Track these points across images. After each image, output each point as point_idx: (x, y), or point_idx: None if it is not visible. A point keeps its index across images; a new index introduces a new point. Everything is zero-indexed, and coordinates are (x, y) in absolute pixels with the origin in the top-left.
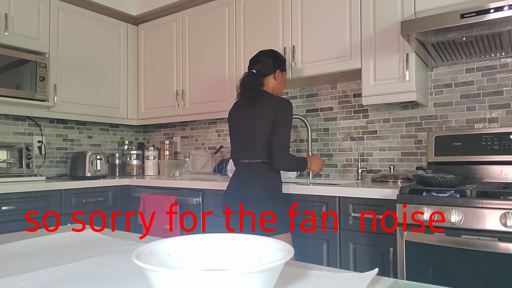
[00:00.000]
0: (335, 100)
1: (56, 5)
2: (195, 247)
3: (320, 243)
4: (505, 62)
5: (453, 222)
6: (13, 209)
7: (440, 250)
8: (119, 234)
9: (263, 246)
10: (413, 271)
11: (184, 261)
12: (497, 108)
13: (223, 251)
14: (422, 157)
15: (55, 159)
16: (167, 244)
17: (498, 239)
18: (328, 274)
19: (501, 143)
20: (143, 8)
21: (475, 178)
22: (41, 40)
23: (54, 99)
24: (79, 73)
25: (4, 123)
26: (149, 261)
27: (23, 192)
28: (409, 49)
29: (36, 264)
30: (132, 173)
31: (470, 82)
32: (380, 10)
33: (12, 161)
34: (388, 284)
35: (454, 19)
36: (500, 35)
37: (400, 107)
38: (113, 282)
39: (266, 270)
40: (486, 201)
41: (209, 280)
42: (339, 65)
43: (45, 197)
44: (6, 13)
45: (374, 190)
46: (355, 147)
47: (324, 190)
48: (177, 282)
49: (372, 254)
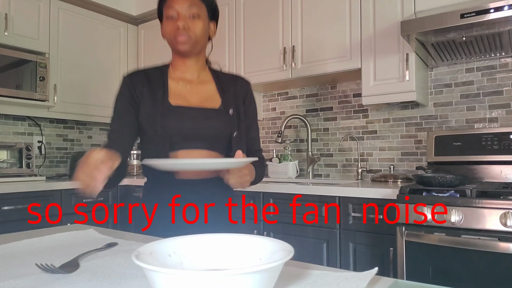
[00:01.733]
0: (335, 100)
1: (56, 5)
2: (195, 247)
3: (320, 243)
4: (505, 62)
5: (453, 222)
6: (13, 209)
7: (440, 250)
8: (119, 234)
9: (263, 246)
10: (413, 271)
11: (184, 261)
12: (497, 108)
13: (223, 251)
14: (422, 157)
15: (55, 159)
16: (167, 244)
17: (498, 239)
18: (328, 273)
19: (501, 143)
20: (143, 8)
21: (475, 178)
22: (41, 40)
23: (54, 99)
24: (79, 73)
25: (4, 123)
26: (149, 261)
27: (23, 192)
28: (409, 49)
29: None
30: (132, 173)
31: (470, 82)
32: (380, 10)
33: (12, 161)
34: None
35: (454, 19)
36: (500, 35)
37: (400, 107)
38: (113, 282)
39: (266, 270)
40: (486, 201)
41: (209, 280)
42: (339, 65)
43: (45, 197)
44: (6, 13)
45: (374, 190)
46: (355, 147)
47: (324, 190)
48: (177, 282)
49: (372, 254)
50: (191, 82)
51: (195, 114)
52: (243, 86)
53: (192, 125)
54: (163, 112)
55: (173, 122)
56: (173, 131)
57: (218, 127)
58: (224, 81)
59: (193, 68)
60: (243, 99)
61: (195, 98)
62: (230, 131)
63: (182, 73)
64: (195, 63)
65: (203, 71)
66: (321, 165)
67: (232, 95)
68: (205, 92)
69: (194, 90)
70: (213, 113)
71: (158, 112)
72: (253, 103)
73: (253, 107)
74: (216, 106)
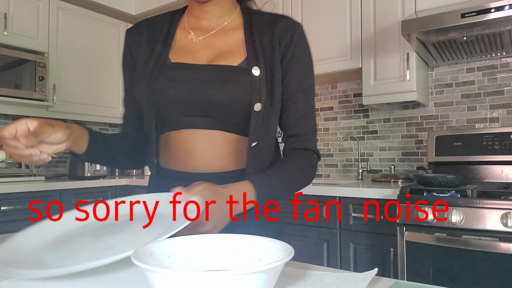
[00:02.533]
0: (336, 100)
1: (55, 5)
2: (195, 247)
3: (320, 243)
4: (505, 62)
5: (454, 222)
6: (12, 209)
7: (440, 250)
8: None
9: (263, 246)
10: (414, 272)
11: (184, 261)
12: (498, 108)
13: (223, 251)
14: (422, 157)
15: (54, 159)
16: (167, 245)
17: (498, 239)
18: (328, 274)
19: (502, 143)
20: (143, 8)
21: (475, 178)
22: (40, 39)
23: (53, 99)
24: (79, 72)
25: (3, 123)
26: (148, 261)
27: (22, 192)
28: (410, 48)
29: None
30: (131, 173)
31: (471, 81)
32: (380, 10)
33: (11, 161)
34: (388, 285)
35: (454, 19)
36: (500, 34)
37: (401, 107)
38: (113, 282)
39: (266, 271)
40: (487, 201)
41: (208, 280)
42: (340, 64)
43: (44, 197)
44: (5, 12)
45: (374, 190)
46: (356, 147)
47: (324, 190)
48: (176, 283)
49: (372, 254)
50: (207, 31)
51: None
52: (286, 31)
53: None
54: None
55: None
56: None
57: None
58: (258, 26)
59: (213, 13)
60: (284, 52)
61: (208, 53)
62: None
63: (197, 20)
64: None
65: (229, 15)
66: (322, 165)
67: (267, 46)
68: (226, 44)
69: (208, 43)
70: (228, 73)
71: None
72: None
73: (301, 64)
74: (235, 63)
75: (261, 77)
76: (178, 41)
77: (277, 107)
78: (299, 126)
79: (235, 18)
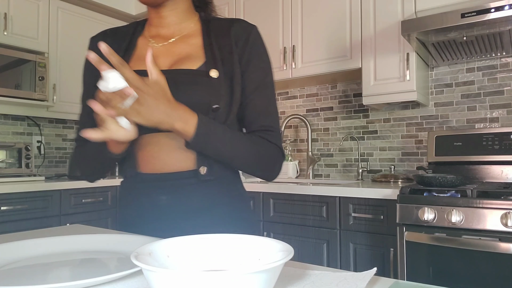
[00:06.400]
0: (335, 100)
1: (55, 5)
2: (195, 247)
3: (320, 243)
4: (505, 62)
5: (454, 222)
6: (12, 209)
7: (440, 250)
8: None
9: (263, 246)
10: (414, 272)
11: (183, 261)
12: (498, 108)
13: (223, 251)
14: (422, 157)
15: (54, 159)
16: (166, 245)
17: (498, 239)
18: (327, 273)
19: (501, 143)
20: (143, 8)
21: (475, 178)
22: (40, 39)
23: (54, 99)
24: (79, 72)
25: (3, 123)
26: (148, 261)
27: (22, 192)
28: (410, 48)
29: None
30: None
31: (470, 81)
32: (380, 10)
33: (11, 161)
34: (388, 285)
35: (454, 19)
36: (500, 34)
37: (401, 107)
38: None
39: (265, 271)
40: (487, 201)
41: (208, 280)
42: (340, 64)
43: (44, 197)
44: (5, 12)
45: (374, 190)
46: (356, 147)
47: (324, 190)
48: (176, 283)
49: (372, 254)
50: (166, 38)
51: None
52: (241, 33)
53: None
54: None
55: None
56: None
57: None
58: (215, 31)
59: (170, 20)
60: (241, 53)
61: (168, 59)
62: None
63: (157, 28)
64: (172, 12)
65: (186, 22)
66: (321, 165)
67: (224, 49)
68: (185, 50)
69: (168, 50)
70: (187, 76)
71: None
72: (259, 57)
73: (258, 63)
74: (194, 67)
75: (220, 79)
76: (139, 49)
77: (237, 107)
78: (258, 121)
79: (194, 25)
